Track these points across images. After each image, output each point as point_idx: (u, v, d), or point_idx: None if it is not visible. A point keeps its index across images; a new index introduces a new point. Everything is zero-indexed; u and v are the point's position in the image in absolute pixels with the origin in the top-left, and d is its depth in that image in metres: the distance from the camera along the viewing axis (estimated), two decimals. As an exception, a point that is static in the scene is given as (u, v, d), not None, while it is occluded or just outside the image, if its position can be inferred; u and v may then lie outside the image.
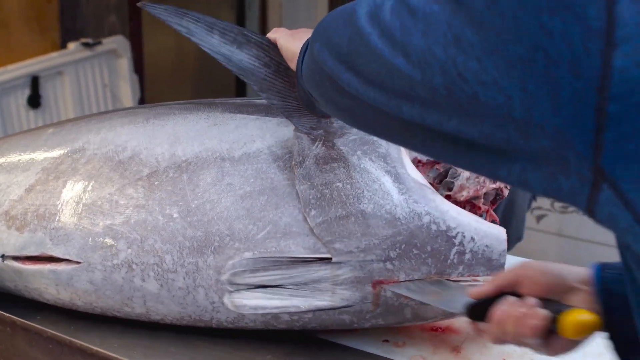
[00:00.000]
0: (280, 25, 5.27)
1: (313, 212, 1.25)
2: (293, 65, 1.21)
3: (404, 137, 0.88)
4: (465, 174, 1.41)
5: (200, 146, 1.37)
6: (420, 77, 0.78)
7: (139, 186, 1.35)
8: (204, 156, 1.36)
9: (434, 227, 1.26)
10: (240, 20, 5.30)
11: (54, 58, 3.78)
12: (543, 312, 1.00)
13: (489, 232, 1.28)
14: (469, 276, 1.29)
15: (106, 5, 4.15)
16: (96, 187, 1.37)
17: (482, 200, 1.42)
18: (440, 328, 1.39)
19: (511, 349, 1.33)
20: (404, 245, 1.26)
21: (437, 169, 1.43)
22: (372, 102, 0.86)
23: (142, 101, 4.33)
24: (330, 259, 1.26)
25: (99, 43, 3.95)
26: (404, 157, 1.31)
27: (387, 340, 1.37)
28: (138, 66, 4.35)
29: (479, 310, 1.07)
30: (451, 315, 1.31)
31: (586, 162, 0.68)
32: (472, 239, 1.27)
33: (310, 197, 1.26)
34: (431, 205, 1.27)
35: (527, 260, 1.24)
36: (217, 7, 5.35)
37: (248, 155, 1.35)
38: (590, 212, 0.73)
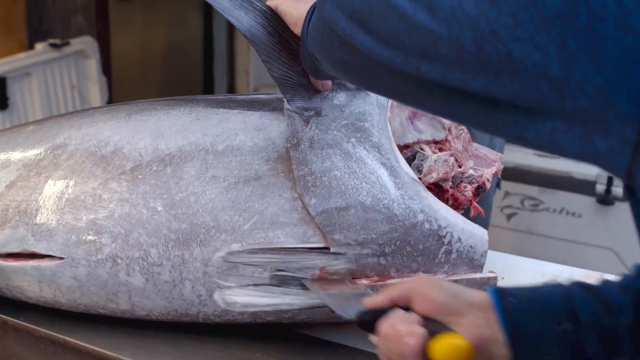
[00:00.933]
0: (247, 25, 5.25)
1: (314, 201, 1.25)
2: (297, 29, 1.18)
3: (420, 98, 0.86)
4: (433, 156, 1.43)
5: (184, 140, 1.37)
6: (447, 33, 0.75)
7: (123, 180, 1.34)
8: (187, 149, 1.35)
9: (427, 225, 1.28)
10: (208, 21, 5.28)
11: (21, 59, 3.74)
12: (421, 331, 0.96)
13: (474, 233, 1.31)
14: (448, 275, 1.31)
15: (73, 5, 4.12)
16: (79, 182, 1.36)
17: (449, 183, 1.44)
18: (426, 318, 1.40)
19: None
20: (399, 242, 1.27)
21: (404, 153, 1.44)
22: (387, 62, 0.84)
23: (110, 102, 4.31)
24: (323, 248, 1.27)
25: (67, 44, 3.92)
26: (395, 148, 1.32)
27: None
28: (106, 67, 4.33)
29: (369, 320, 1.04)
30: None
31: (630, 123, 0.66)
32: (459, 239, 1.30)
33: (310, 184, 1.26)
34: (424, 203, 1.28)
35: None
36: (185, 7, 5.33)
37: (231, 147, 1.35)
38: (630, 175, 0.70)
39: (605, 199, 3.81)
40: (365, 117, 1.33)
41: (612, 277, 1.03)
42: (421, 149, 1.45)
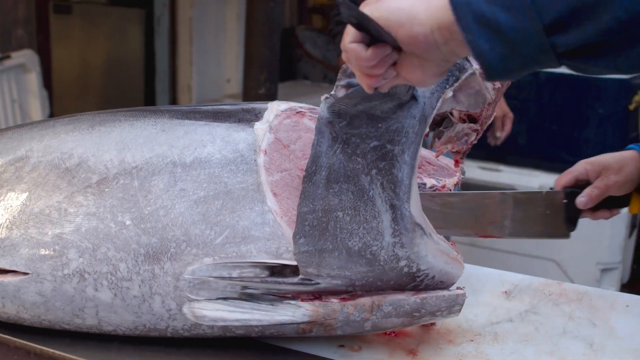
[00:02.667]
0: (190, 40, 5.24)
1: (302, 240, 1.23)
2: (405, 30, 0.99)
3: None
4: (458, 125, 1.45)
5: (150, 152, 1.35)
6: None
7: (89, 193, 1.32)
8: (154, 162, 1.34)
9: (405, 269, 1.28)
10: (149, 36, 5.25)
11: (-40, 72, 3.68)
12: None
13: (449, 273, 1.33)
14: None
15: (14, 18, 4.05)
16: (43, 196, 1.33)
17: (461, 156, 1.50)
18: (395, 332, 1.41)
19: (466, 349, 1.37)
20: (371, 279, 1.29)
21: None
22: None
23: (52, 116, 4.25)
24: (295, 266, 1.26)
25: (8, 57, 3.86)
26: (414, 184, 1.28)
27: (342, 346, 1.37)
28: (47, 81, 4.27)
29: None
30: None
31: None
32: (433, 277, 1.31)
33: (307, 223, 1.22)
34: (414, 250, 1.27)
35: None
36: (126, 22, 5.29)
37: (200, 160, 1.33)
38: None
39: (549, 211, 3.87)
40: (400, 136, 1.22)
41: None
42: (451, 113, 1.45)
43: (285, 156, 1.39)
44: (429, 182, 1.51)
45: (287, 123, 1.45)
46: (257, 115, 1.44)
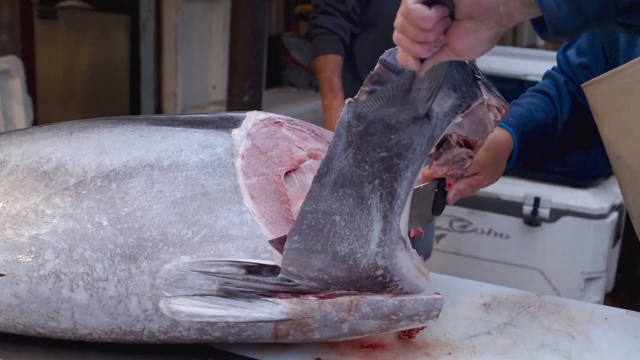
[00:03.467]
0: (175, 46, 5.23)
1: (296, 237, 1.25)
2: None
3: None
4: (455, 149, 1.52)
5: (128, 156, 1.36)
6: None
7: (66, 195, 1.32)
8: (132, 165, 1.34)
9: (380, 278, 1.31)
10: (135, 41, 5.23)
11: (-56, 77, 3.65)
12: None
13: (417, 286, 1.35)
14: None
15: (-2, 23, 4.04)
16: (20, 198, 1.34)
17: (454, 180, 1.57)
18: (371, 345, 1.40)
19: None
20: (346, 285, 1.31)
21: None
22: None
23: (35, 123, 4.23)
24: (272, 266, 1.27)
25: (-9, 62, 3.84)
26: (408, 200, 1.31)
27: (319, 359, 1.36)
28: (31, 87, 4.25)
29: None
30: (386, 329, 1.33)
31: None
32: (402, 288, 1.34)
33: (306, 222, 1.25)
34: (392, 261, 1.30)
35: None
36: (111, 28, 5.28)
37: (177, 163, 1.35)
38: None
39: (532, 220, 3.89)
40: (407, 152, 1.27)
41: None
42: (450, 136, 1.51)
43: (262, 162, 1.40)
44: None
45: (265, 131, 1.46)
46: (235, 123, 1.46)
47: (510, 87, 3.89)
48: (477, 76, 1.38)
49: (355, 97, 1.26)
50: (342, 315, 1.29)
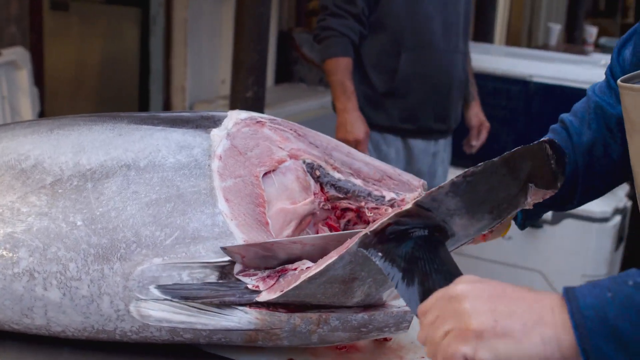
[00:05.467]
0: (185, 40, 5.25)
1: (278, 294, 1.26)
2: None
3: None
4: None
5: (105, 155, 1.37)
6: None
7: (42, 194, 1.33)
8: (109, 165, 1.35)
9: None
10: (145, 35, 5.25)
11: (-50, 68, 3.67)
12: None
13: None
14: None
15: (6, 16, 4.06)
16: (-4, 195, 1.35)
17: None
18: (345, 347, 1.41)
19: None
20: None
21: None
22: None
23: (42, 114, 4.25)
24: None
25: (-2, 54, 3.86)
26: None
27: (291, 359, 1.37)
28: (38, 79, 4.27)
29: None
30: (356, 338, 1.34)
31: None
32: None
33: (286, 297, 1.26)
34: (371, 301, 1.33)
35: None
36: (121, 21, 5.29)
37: (153, 164, 1.35)
38: None
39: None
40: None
41: None
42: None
43: (240, 163, 1.40)
44: (389, 195, 1.50)
45: (246, 131, 1.46)
46: (215, 123, 1.46)
47: (515, 88, 3.89)
48: (530, 180, 1.22)
49: (372, 229, 1.15)
50: (311, 328, 1.29)
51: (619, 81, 1.30)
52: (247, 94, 3.60)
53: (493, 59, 4.19)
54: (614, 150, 1.47)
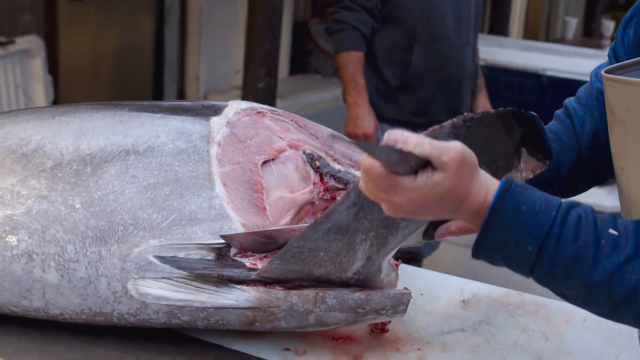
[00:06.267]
0: (199, 31, 5.25)
1: (277, 262, 1.26)
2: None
3: None
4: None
5: (105, 141, 1.39)
6: None
7: (42, 178, 1.35)
8: (108, 150, 1.37)
9: (351, 286, 1.33)
10: (160, 25, 5.25)
11: (-35, 56, 3.69)
12: None
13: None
14: None
15: (21, 4, 4.07)
16: (-2, 178, 1.36)
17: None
18: (342, 337, 1.41)
19: (410, 358, 1.37)
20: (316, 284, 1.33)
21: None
22: None
23: (56, 103, 4.26)
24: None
25: (12, 42, 3.87)
26: (397, 247, 1.32)
27: (288, 349, 1.38)
28: (52, 67, 4.29)
29: None
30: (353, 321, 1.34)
31: None
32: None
33: (289, 253, 1.25)
34: (365, 282, 1.32)
35: None
36: (137, 10, 5.30)
37: (152, 149, 1.37)
38: None
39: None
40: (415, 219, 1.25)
41: None
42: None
43: (239, 150, 1.41)
44: None
45: (246, 120, 1.47)
46: (216, 112, 1.48)
47: (528, 81, 3.88)
48: (523, 143, 1.30)
49: None
50: (307, 307, 1.30)
51: (602, 72, 1.30)
52: (259, 85, 3.61)
53: (507, 52, 4.17)
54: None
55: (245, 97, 3.69)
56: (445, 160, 1.03)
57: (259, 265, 1.29)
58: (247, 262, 1.29)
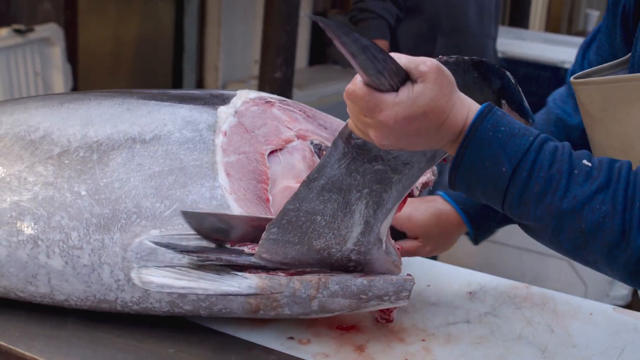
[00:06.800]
0: (218, 20, 5.25)
1: (274, 229, 1.25)
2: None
3: None
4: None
5: (113, 128, 1.39)
6: None
7: (49, 164, 1.36)
8: (115, 138, 1.38)
9: (351, 268, 1.33)
10: (179, 14, 5.26)
11: (-16, 43, 3.71)
12: None
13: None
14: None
15: (40, -8, 4.10)
16: (5, 164, 1.38)
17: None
18: (346, 327, 1.41)
19: (415, 349, 1.37)
20: (316, 269, 1.32)
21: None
22: None
23: (75, 90, 4.28)
24: None
25: (31, 30, 3.89)
26: (394, 209, 1.31)
27: (292, 337, 1.38)
28: (72, 55, 4.31)
29: None
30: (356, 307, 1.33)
31: None
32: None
33: (286, 217, 1.25)
34: (367, 258, 1.32)
35: None
36: (156, 0, 5.31)
37: (159, 137, 1.37)
38: None
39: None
40: (405, 167, 1.24)
41: None
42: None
43: (246, 140, 1.41)
44: None
45: (254, 110, 1.47)
46: (224, 101, 1.48)
47: (546, 74, 3.85)
48: (503, 95, 1.30)
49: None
50: (310, 293, 1.30)
51: (571, 79, 1.35)
52: (276, 75, 3.61)
53: (527, 44, 4.15)
54: None
55: (261, 86, 3.69)
56: (424, 69, 1.06)
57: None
58: (246, 248, 1.29)
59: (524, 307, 1.52)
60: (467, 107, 1.09)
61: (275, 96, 1.54)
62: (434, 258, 3.97)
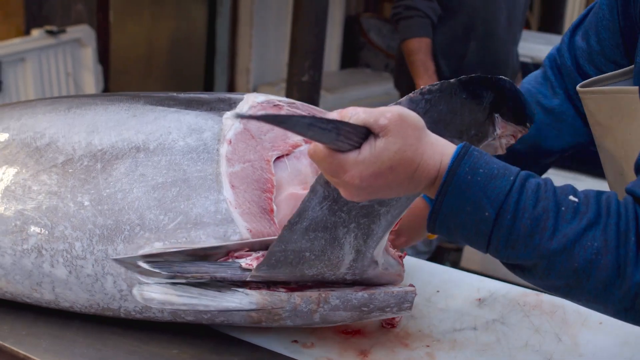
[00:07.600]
0: (250, 22, 5.27)
1: (264, 268, 1.25)
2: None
3: None
4: None
5: (117, 136, 1.38)
6: None
7: (53, 173, 1.36)
8: (119, 146, 1.37)
9: (349, 282, 1.32)
10: (212, 15, 5.29)
11: (17, 44, 3.77)
12: None
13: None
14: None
15: (73, -6, 4.14)
16: (11, 172, 1.38)
17: None
18: (351, 331, 1.41)
19: (419, 355, 1.35)
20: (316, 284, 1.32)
21: None
22: None
23: (106, 92, 4.32)
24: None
25: (64, 31, 3.94)
26: (387, 234, 1.30)
27: (296, 341, 1.38)
28: (103, 57, 4.35)
29: None
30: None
31: None
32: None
33: (274, 258, 1.23)
34: (363, 277, 1.31)
35: None
36: (189, 1, 5.34)
37: (163, 146, 1.36)
38: None
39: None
40: (391, 200, 1.21)
41: None
42: None
43: (251, 147, 1.39)
44: None
45: (261, 115, 1.45)
46: (231, 106, 1.45)
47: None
48: (495, 109, 1.27)
49: None
50: (311, 307, 1.29)
51: (578, 87, 1.31)
52: (303, 78, 3.61)
53: (536, 47, 4.14)
54: (554, 144, 1.51)
55: (289, 90, 3.70)
56: (384, 122, 1.00)
57: (255, 265, 1.28)
58: (242, 262, 1.28)
59: (533, 314, 1.50)
60: (440, 152, 1.04)
61: (284, 99, 1.52)
62: (460, 253, 3.95)
